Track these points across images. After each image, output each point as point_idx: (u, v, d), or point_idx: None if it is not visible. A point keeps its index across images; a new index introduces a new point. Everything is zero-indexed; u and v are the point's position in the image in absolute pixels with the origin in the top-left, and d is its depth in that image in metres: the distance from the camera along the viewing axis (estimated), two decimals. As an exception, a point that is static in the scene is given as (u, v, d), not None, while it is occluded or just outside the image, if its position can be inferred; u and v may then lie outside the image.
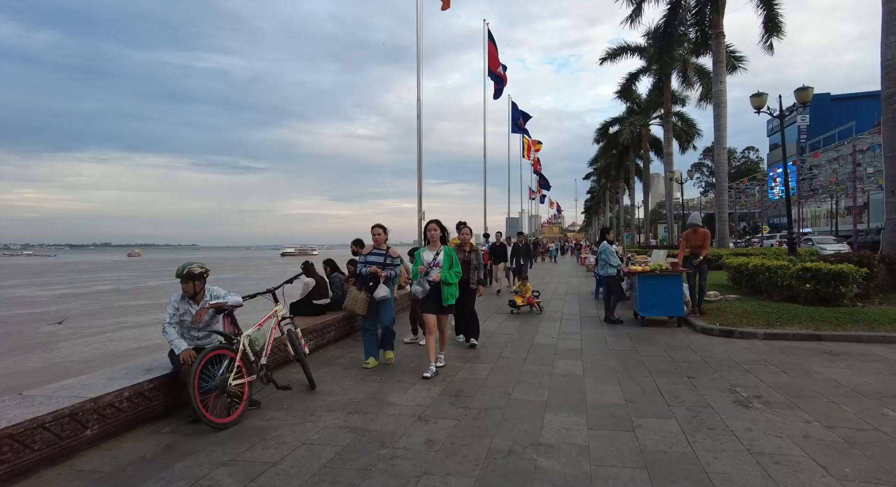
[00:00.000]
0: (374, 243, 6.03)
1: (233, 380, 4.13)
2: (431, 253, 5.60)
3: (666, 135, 31.10)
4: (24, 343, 11.28)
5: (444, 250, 5.59)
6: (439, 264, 5.51)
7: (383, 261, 5.95)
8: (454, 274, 5.53)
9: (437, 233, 5.64)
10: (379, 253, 6.00)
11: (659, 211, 78.75)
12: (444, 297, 5.50)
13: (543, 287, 15.83)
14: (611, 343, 7.16)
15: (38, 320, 15.15)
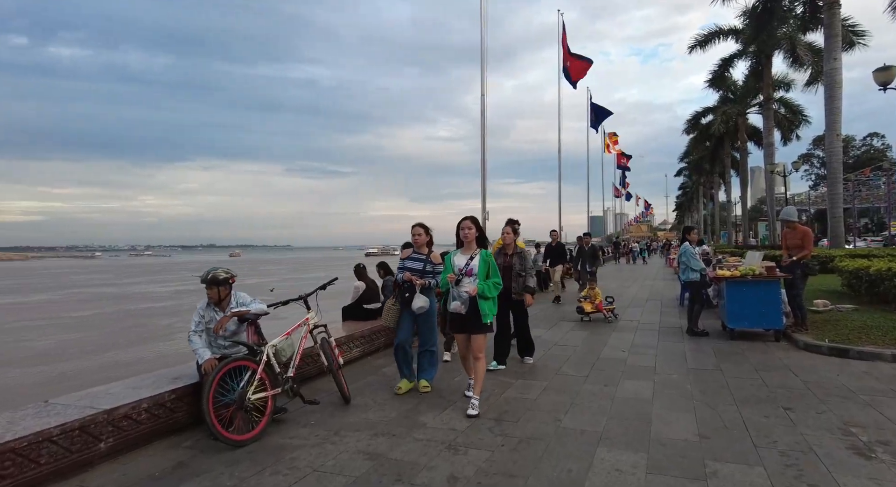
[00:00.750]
0: (414, 245, 5.20)
1: (253, 394, 3.89)
2: (464, 258, 4.52)
3: (766, 123, 28.05)
4: (146, 334, 13.52)
5: (479, 254, 4.51)
6: (472, 272, 4.43)
7: (422, 268, 5.08)
8: (493, 285, 4.43)
9: (471, 232, 4.53)
10: (419, 257, 5.13)
11: (760, 207, 72.14)
12: (482, 314, 4.39)
13: (623, 291, 14.72)
14: (691, 359, 6.23)
15: (159, 314, 17.81)
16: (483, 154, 12.42)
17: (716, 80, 31.41)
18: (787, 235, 7.58)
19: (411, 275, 5.02)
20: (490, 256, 4.55)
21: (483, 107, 12.37)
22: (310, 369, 5.33)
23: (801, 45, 24.44)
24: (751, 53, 27.64)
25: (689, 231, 8.28)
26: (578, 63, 23.19)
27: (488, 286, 4.41)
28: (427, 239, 5.21)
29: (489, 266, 4.50)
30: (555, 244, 13.36)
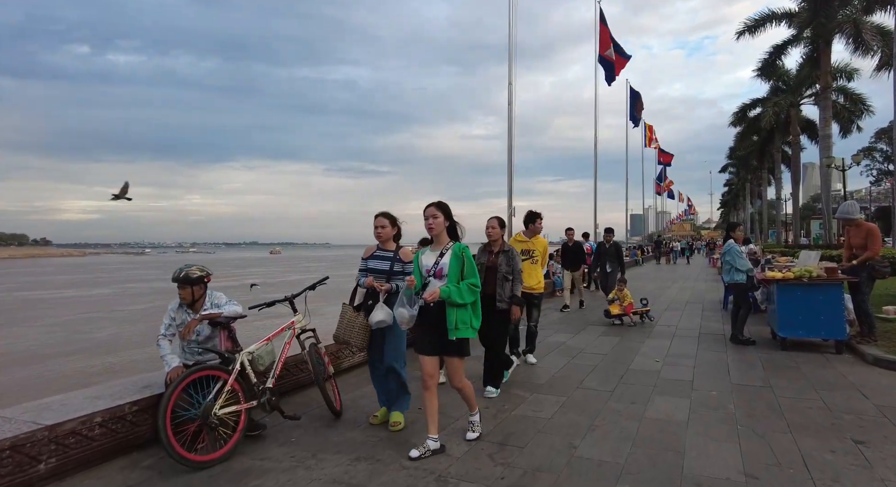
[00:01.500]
0: (378, 240, 4.11)
1: (221, 408, 3.43)
2: (433, 256, 3.54)
3: (823, 114, 26.09)
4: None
5: (452, 249, 3.49)
6: (442, 272, 3.45)
7: (389, 269, 4.01)
8: (468, 288, 3.41)
9: (438, 221, 3.50)
10: (384, 255, 4.07)
11: (812, 205, 68.16)
12: (450, 326, 3.38)
13: (661, 293, 13.80)
14: (735, 373, 5.45)
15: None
16: (510, 151, 11.80)
17: (766, 69, 29.51)
18: (851, 233, 6.65)
19: (374, 280, 3.94)
20: (465, 250, 3.51)
21: (511, 98, 11.73)
22: (299, 378, 4.86)
23: (867, 28, 22.50)
24: (806, 39, 25.78)
25: (734, 228, 7.43)
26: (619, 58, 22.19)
27: (457, 289, 3.36)
28: (394, 231, 4.12)
29: (464, 263, 3.45)
30: (571, 244, 11.44)
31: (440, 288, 3.35)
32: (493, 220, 4.92)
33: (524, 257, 5.62)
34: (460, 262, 3.45)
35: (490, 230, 4.91)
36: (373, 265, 4.07)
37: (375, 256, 4.11)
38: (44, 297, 25.58)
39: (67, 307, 21.00)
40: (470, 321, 3.47)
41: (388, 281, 3.98)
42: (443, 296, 3.33)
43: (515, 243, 5.73)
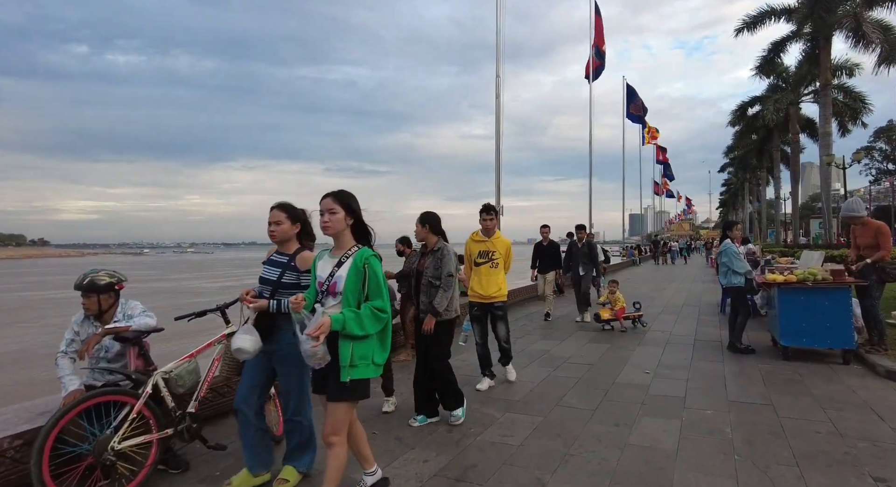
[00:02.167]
0: (272, 240, 3.16)
1: (123, 440, 2.89)
2: (329, 264, 2.63)
3: (823, 111, 25.59)
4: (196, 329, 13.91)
5: (354, 257, 2.56)
6: (337, 288, 2.53)
7: (277, 278, 3.03)
8: (371, 314, 2.49)
9: (336, 217, 2.61)
10: (279, 259, 3.12)
11: (811, 205, 67.69)
12: (343, 363, 2.48)
13: (656, 294, 13.27)
14: (733, 388, 4.91)
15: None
16: (497, 146, 11.26)
17: (765, 66, 28.98)
18: (857, 233, 6.11)
19: (249, 294, 2.97)
20: (370, 261, 2.53)
21: (498, 90, 11.21)
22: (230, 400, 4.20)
23: (867, 23, 22.02)
24: (806, 35, 25.29)
25: (732, 226, 6.87)
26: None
27: (355, 317, 2.44)
28: (294, 229, 3.14)
29: (366, 276, 2.50)
30: (545, 243, 9.69)
31: (332, 318, 2.38)
32: (418, 222, 4.17)
33: (482, 260, 4.97)
34: (360, 275, 2.51)
35: (418, 231, 4.20)
36: (264, 272, 3.13)
37: (271, 260, 3.17)
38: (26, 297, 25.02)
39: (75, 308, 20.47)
40: (372, 356, 2.55)
41: (273, 293, 3.02)
42: (335, 328, 2.40)
43: (472, 243, 5.07)
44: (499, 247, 4.99)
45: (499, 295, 4.95)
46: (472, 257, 5.06)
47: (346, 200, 2.65)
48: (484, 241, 5.02)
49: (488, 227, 4.99)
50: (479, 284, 4.96)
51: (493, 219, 4.99)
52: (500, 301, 4.99)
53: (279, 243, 3.16)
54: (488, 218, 4.97)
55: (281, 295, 3.01)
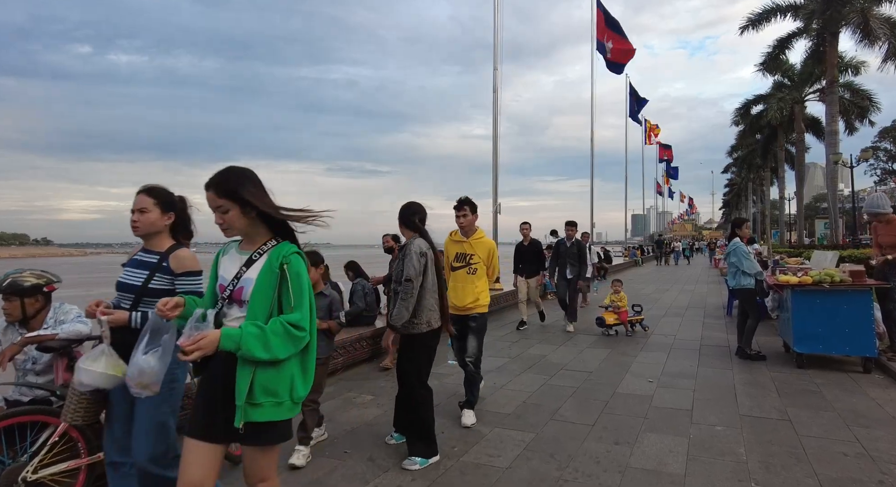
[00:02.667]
0: (134, 232, 2.47)
1: (39, 469, 2.49)
2: (237, 261, 1.94)
3: (829, 109, 25.11)
4: None
5: (269, 254, 1.89)
6: (243, 294, 1.86)
7: (142, 284, 2.38)
8: (283, 331, 1.77)
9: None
10: (145, 259, 2.45)
11: (815, 205, 67.10)
12: (239, 400, 1.76)
13: (660, 296, 12.85)
14: (744, 400, 4.49)
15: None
16: (494, 145, 10.86)
17: (770, 63, 28.45)
18: (880, 230, 5.69)
19: (99, 306, 2.23)
20: (293, 261, 1.86)
21: (496, 84, 10.80)
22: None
23: (875, 18, 21.59)
24: (812, 31, 24.82)
25: (740, 224, 6.44)
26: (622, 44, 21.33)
27: (258, 333, 1.75)
28: (166, 219, 2.46)
29: (289, 281, 1.83)
30: (527, 243, 8.41)
31: (222, 333, 1.72)
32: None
33: (459, 264, 4.16)
34: (276, 281, 1.83)
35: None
36: (123, 275, 2.43)
37: (135, 260, 2.46)
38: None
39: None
40: (289, 389, 1.83)
41: (135, 303, 2.36)
42: (226, 347, 1.71)
43: (450, 244, 4.26)
44: (478, 250, 4.17)
45: (475, 305, 4.11)
46: (449, 260, 4.26)
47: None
48: (462, 242, 4.21)
49: (462, 225, 4.18)
50: (454, 293, 4.06)
51: (466, 214, 4.12)
52: (476, 312, 4.12)
53: (144, 237, 2.47)
54: (461, 214, 4.13)
55: (147, 305, 2.33)
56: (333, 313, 3.63)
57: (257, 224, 1.93)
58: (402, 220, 3.49)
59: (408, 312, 3.28)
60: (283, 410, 1.83)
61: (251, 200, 1.85)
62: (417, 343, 3.41)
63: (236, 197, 1.85)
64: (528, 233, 8.39)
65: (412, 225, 3.46)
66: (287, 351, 1.79)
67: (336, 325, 3.65)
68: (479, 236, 4.23)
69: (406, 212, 3.48)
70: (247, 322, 1.81)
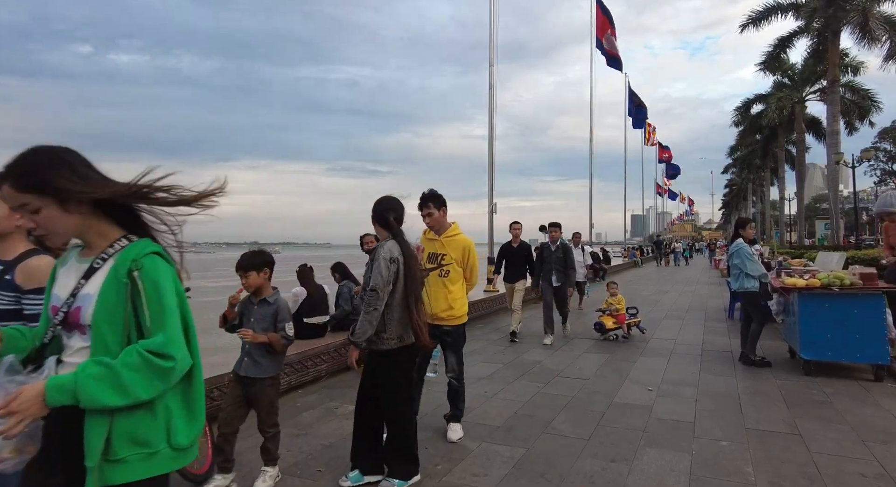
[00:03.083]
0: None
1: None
2: (75, 273, 1.40)
3: (830, 108, 24.89)
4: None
5: (116, 259, 1.35)
6: (80, 317, 1.33)
7: None
8: (139, 361, 1.27)
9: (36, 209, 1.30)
10: None
11: (814, 206, 66.93)
12: (91, 460, 1.25)
13: (660, 298, 12.59)
14: (750, 411, 4.21)
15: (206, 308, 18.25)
16: (490, 149, 10.61)
17: (770, 63, 28.25)
18: (891, 230, 5.44)
19: None
20: (145, 261, 1.34)
21: (492, 81, 10.54)
22: None
23: (875, 18, 21.39)
24: (814, 30, 24.60)
25: (745, 224, 6.16)
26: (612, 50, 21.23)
27: (102, 373, 1.24)
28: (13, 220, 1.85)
29: (142, 293, 1.32)
30: (516, 245, 7.59)
31: (49, 384, 1.23)
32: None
33: (431, 265, 3.65)
34: (125, 294, 1.32)
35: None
36: None
37: None
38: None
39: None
40: (165, 434, 1.36)
41: None
42: (58, 403, 1.23)
43: (424, 242, 3.78)
44: (451, 250, 3.65)
45: (449, 315, 3.60)
46: (422, 261, 3.75)
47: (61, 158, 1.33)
48: (434, 240, 3.72)
49: (430, 225, 3.68)
50: (426, 299, 3.38)
51: (432, 212, 3.60)
52: (452, 324, 3.63)
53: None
54: (425, 213, 3.61)
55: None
56: (279, 324, 2.99)
57: (96, 221, 1.38)
58: (375, 217, 3.05)
59: (371, 327, 2.82)
60: (157, 463, 1.34)
61: (72, 189, 1.29)
62: (387, 361, 2.93)
63: (47, 189, 1.28)
64: (520, 233, 7.62)
65: (385, 222, 3.00)
66: (152, 388, 1.29)
67: (279, 339, 2.94)
68: (452, 233, 3.71)
69: (380, 208, 3.03)
70: (87, 360, 1.28)
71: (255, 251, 3.04)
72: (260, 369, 2.98)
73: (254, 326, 2.97)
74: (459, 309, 3.67)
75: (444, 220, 3.70)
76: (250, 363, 2.98)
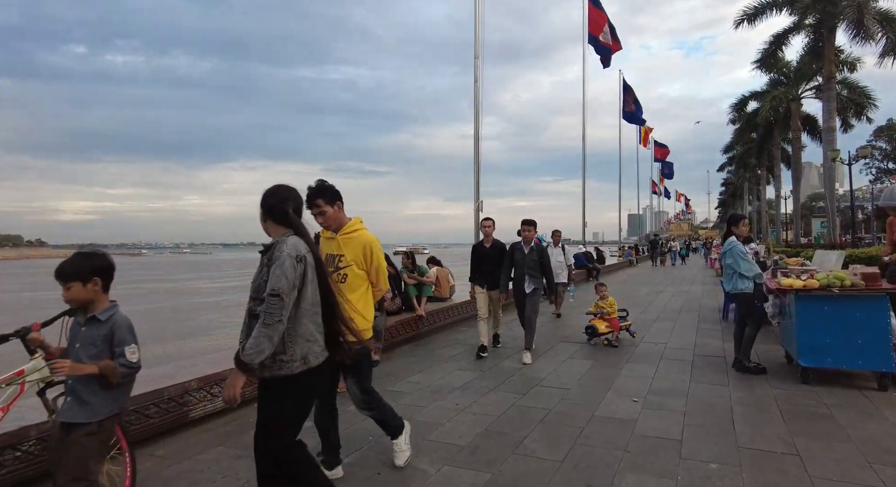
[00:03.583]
0: None
1: None
2: None
3: (827, 105, 24.59)
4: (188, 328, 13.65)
5: None
6: None
7: None
8: None
9: None
10: None
11: (809, 204, 66.83)
12: None
13: (653, 298, 12.23)
14: (744, 427, 3.82)
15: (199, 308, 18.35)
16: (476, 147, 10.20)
17: (766, 60, 27.94)
18: (895, 227, 5.05)
19: None
20: None
21: (477, 74, 10.13)
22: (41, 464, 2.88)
23: (870, 13, 21.09)
24: (809, 26, 24.32)
25: (737, 221, 5.76)
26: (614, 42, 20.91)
27: None
28: None
29: None
30: (488, 245, 6.51)
31: None
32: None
33: (329, 269, 2.83)
34: None
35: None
36: None
37: None
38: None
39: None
40: None
41: None
42: None
43: (322, 243, 3.13)
44: (348, 250, 3.02)
45: (362, 322, 2.95)
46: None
47: None
48: (331, 240, 3.09)
49: (323, 224, 3.04)
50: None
51: (324, 210, 2.95)
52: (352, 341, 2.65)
53: None
54: (316, 212, 2.95)
55: None
56: (116, 348, 2.25)
57: None
58: (270, 212, 2.34)
59: (271, 344, 2.13)
60: None
61: None
62: (282, 389, 2.25)
63: None
64: (492, 231, 6.54)
65: (282, 216, 2.33)
66: None
67: (115, 368, 2.21)
68: (351, 229, 3.05)
69: (274, 200, 2.34)
70: None
71: (83, 253, 2.33)
72: (87, 411, 2.22)
73: (79, 353, 2.23)
74: (361, 322, 2.90)
75: (340, 216, 3.04)
76: (74, 403, 2.23)
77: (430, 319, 7.56)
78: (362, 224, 3.15)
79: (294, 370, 2.23)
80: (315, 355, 2.29)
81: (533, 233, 6.33)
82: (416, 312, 7.26)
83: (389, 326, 6.55)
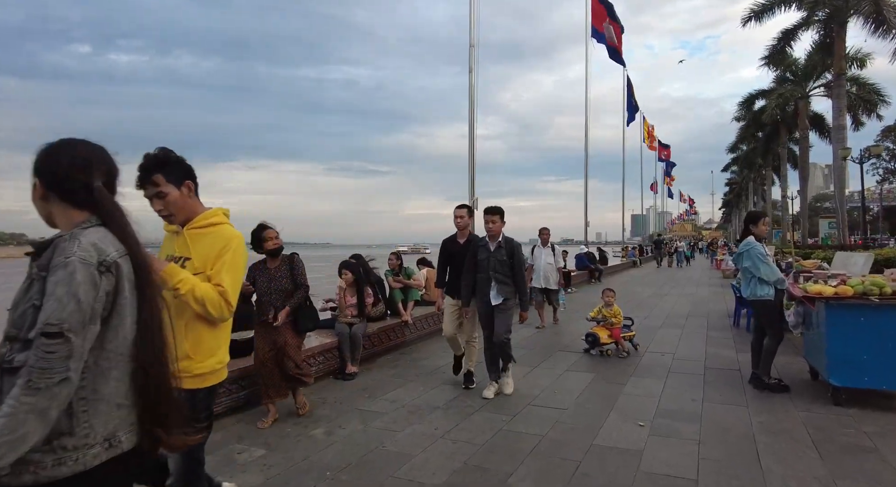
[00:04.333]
0: None
1: None
2: None
3: (836, 103, 23.90)
4: None
5: None
6: None
7: None
8: None
9: None
10: None
11: (815, 205, 65.98)
12: None
13: (658, 301, 11.60)
14: (771, 461, 3.21)
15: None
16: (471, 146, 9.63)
17: (774, 57, 27.22)
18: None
19: None
20: None
21: (472, 64, 9.56)
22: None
23: (889, 5, 20.35)
24: (818, 22, 23.63)
25: (757, 219, 5.11)
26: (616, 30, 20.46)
27: None
28: None
29: None
30: (463, 241, 5.00)
31: None
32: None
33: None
34: None
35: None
36: None
37: None
38: None
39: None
40: None
41: None
42: None
43: (165, 241, 2.24)
44: (198, 251, 2.09)
45: (185, 369, 1.88)
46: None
47: None
48: (175, 235, 2.17)
49: (159, 211, 2.07)
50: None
51: (162, 191, 2.02)
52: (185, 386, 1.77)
53: None
54: (151, 194, 2.04)
55: None
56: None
57: None
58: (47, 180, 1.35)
59: (42, 423, 1.13)
60: None
61: None
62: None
63: None
64: (466, 223, 5.03)
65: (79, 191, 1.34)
66: None
67: None
68: (205, 222, 2.13)
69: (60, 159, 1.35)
70: None
71: None
72: None
73: None
74: (201, 360, 2.02)
75: (190, 203, 2.10)
76: None
77: (416, 325, 6.98)
78: (225, 216, 2.20)
79: (88, 463, 1.22)
80: (127, 432, 1.30)
81: (499, 226, 4.67)
82: (402, 318, 6.67)
83: (371, 334, 5.98)
